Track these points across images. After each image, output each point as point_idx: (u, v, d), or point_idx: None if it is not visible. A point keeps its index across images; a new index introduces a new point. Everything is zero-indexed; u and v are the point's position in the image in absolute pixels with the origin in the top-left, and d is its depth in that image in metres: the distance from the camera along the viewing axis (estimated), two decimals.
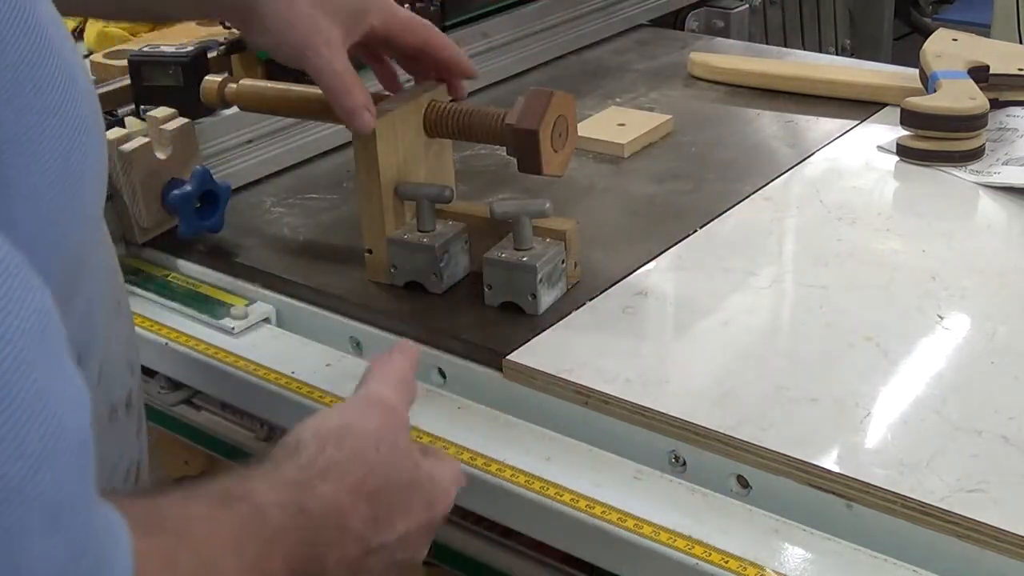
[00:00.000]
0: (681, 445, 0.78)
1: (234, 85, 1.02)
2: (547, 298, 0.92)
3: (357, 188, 0.96)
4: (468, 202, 1.00)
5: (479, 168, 1.18)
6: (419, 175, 0.97)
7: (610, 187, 1.14)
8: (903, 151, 1.15)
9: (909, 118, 1.15)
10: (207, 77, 1.03)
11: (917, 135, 1.15)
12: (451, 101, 0.98)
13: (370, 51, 0.97)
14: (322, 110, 1.01)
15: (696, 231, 1.03)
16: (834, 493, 0.72)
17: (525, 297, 0.91)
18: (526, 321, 0.91)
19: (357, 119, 0.90)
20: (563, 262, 0.93)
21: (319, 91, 0.93)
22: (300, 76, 1.17)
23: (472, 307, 0.93)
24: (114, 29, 1.40)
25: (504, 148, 0.94)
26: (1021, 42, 2.37)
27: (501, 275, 0.91)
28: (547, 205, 0.91)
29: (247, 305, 1.00)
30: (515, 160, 0.93)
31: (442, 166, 1.01)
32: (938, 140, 1.14)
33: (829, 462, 0.73)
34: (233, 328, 0.97)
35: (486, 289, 0.92)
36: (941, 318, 0.88)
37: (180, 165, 1.04)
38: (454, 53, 0.97)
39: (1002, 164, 1.12)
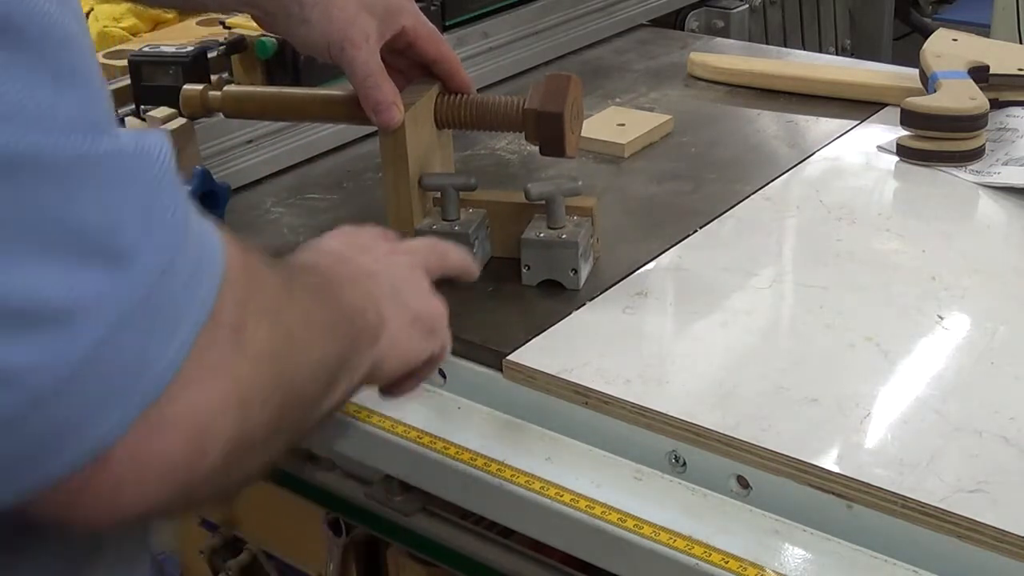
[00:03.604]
0: (681, 445, 0.78)
1: (217, 93, 1.01)
2: (583, 273, 0.94)
3: (384, 182, 0.98)
4: (482, 189, 1.01)
5: (479, 168, 1.18)
6: (435, 166, 1.00)
7: (610, 187, 1.14)
8: (903, 151, 1.15)
9: (909, 118, 1.15)
10: (185, 86, 1.03)
11: (917, 135, 1.15)
12: (457, 94, 1.00)
13: (389, 59, 0.98)
14: (312, 112, 1.01)
15: (696, 231, 1.03)
16: (834, 493, 0.72)
17: (566, 273, 0.93)
18: (527, 320, 0.91)
19: (386, 113, 0.93)
20: (591, 236, 0.95)
21: (308, 92, 0.94)
22: (299, 78, 1.18)
23: (472, 306, 0.93)
24: (115, 29, 1.40)
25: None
26: (1021, 42, 2.37)
27: (541, 254, 0.93)
28: (579, 183, 0.94)
29: None
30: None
31: (448, 157, 1.03)
32: (938, 140, 1.14)
33: (829, 462, 0.73)
34: None
35: (524, 269, 0.94)
36: (941, 318, 0.88)
37: (180, 165, 1.03)
38: (465, 77, 1.01)
39: (1002, 164, 1.11)
